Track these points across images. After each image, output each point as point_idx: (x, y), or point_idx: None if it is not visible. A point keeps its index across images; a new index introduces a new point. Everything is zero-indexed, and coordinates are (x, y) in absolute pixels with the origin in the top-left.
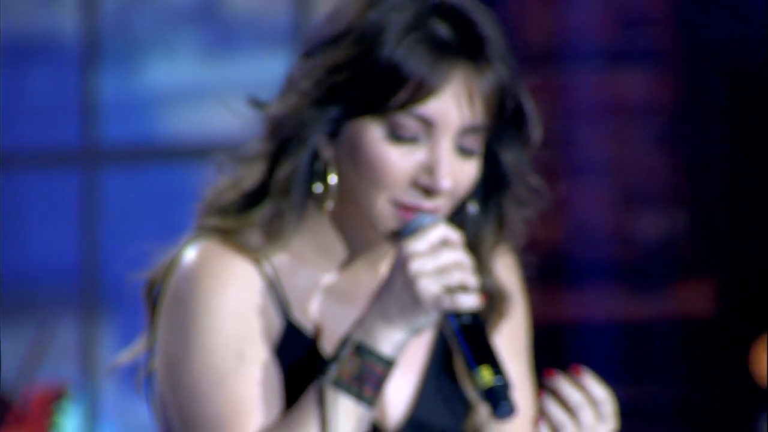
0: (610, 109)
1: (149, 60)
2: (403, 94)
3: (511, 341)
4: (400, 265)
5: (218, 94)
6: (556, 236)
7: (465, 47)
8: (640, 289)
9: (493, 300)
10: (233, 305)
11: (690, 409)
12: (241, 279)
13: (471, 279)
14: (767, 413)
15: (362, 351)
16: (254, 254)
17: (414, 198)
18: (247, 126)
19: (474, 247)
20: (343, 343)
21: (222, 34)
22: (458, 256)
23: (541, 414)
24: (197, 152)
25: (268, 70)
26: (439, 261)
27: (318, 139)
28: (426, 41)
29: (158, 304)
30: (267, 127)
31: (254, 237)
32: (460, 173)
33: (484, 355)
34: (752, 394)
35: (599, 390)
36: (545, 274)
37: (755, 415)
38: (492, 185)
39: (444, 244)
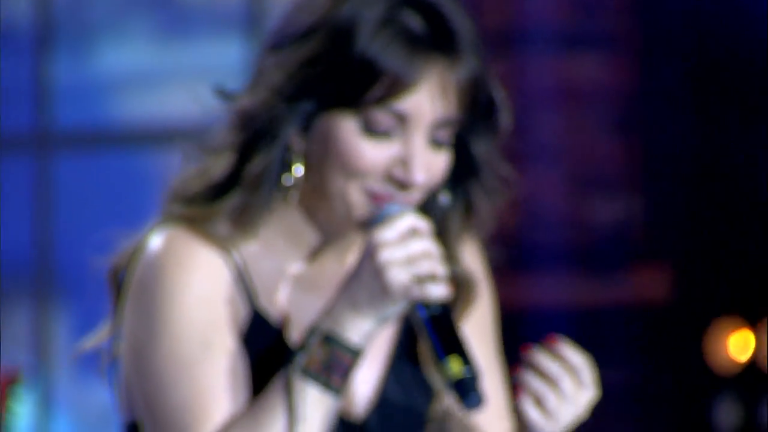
0: (566, 94)
1: (103, 45)
2: (378, 90)
3: (478, 328)
4: (369, 254)
5: (172, 79)
6: (512, 222)
7: (438, 41)
8: (595, 274)
9: (460, 287)
10: (199, 293)
11: (645, 394)
12: (207, 267)
13: (440, 268)
14: (721, 398)
15: (330, 340)
16: (221, 243)
17: (387, 189)
18: (202, 111)
19: (441, 234)
20: (311, 331)
21: (176, 19)
22: (427, 245)
23: (522, 387)
24: (151, 137)
25: (223, 56)
26: (408, 250)
27: (290, 133)
28: (401, 36)
29: (123, 291)
30: (236, 120)
31: (222, 226)
32: (432, 165)
33: (452, 345)
34: (707, 379)
35: (576, 357)
36: (500, 259)
37: (710, 399)
38: (461, 174)
39: (413, 233)
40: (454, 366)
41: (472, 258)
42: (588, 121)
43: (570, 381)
